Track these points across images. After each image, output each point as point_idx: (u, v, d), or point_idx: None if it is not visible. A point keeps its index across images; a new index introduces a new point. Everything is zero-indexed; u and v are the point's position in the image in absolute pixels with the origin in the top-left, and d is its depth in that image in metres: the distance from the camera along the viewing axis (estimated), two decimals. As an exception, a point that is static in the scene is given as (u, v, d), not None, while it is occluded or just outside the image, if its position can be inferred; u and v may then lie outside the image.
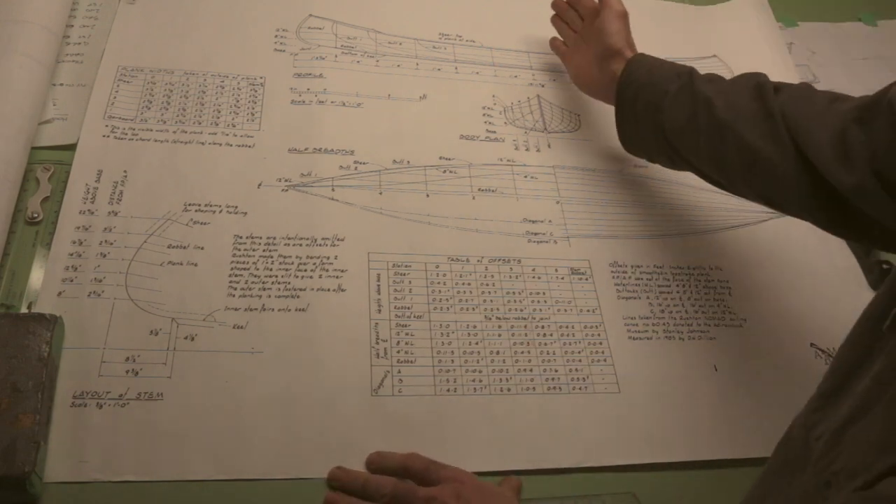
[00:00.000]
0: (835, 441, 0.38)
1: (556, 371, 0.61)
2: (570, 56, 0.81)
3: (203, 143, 0.69)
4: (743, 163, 0.59)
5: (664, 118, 0.65)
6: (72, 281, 0.59)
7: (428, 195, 0.70)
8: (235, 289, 0.61)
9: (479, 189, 0.72)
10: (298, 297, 0.61)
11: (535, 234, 0.70)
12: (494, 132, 0.77)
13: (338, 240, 0.65)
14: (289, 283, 0.62)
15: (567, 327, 0.64)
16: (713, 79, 0.64)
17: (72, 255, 0.60)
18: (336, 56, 0.79)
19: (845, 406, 0.39)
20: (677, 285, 0.69)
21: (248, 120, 0.72)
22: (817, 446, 0.40)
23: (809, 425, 0.42)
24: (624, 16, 0.74)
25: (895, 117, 0.50)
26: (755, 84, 0.60)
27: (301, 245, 0.64)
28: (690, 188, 0.76)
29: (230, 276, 0.61)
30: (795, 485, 0.41)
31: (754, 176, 0.59)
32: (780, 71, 0.91)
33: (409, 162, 0.72)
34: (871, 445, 0.35)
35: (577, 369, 0.62)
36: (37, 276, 0.59)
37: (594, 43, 0.74)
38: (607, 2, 0.74)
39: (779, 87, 0.60)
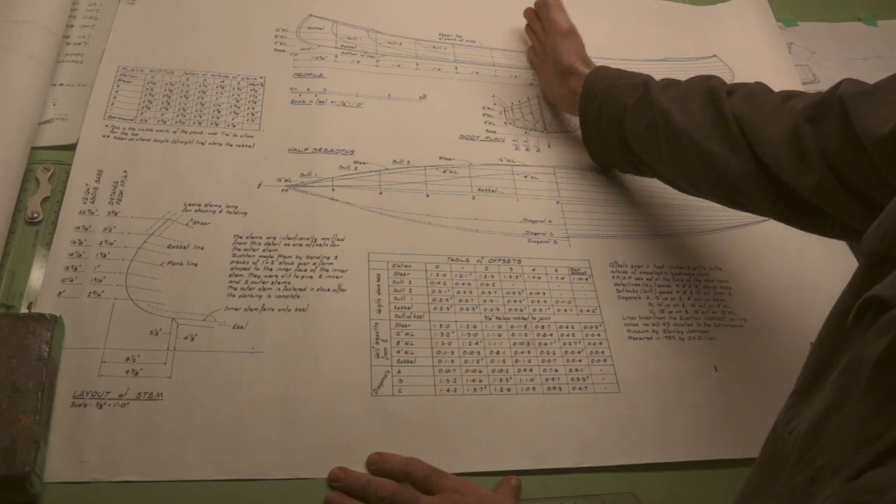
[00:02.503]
0: (813, 437, 0.38)
1: (556, 371, 0.61)
2: (539, 70, 0.83)
3: (203, 143, 0.69)
4: (704, 169, 0.60)
5: (626, 131, 0.67)
6: (72, 281, 0.59)
7: (428, 195, 0.70)
8: (235, 289, 0.61)
9: (479, 189, 0.72)
10: (298, 297, 0.61)
11: (535, 234, 0.70)
12: (494, 132, 0.77)
13: (338, 240, 0.65)
14: (289, 283, 0.62)
15: (567, 327, 0.64)
16: (668, 85, 0.65)
17: (72, 255, 0.60)
18: (336, 56, 0.80)
19: (819, 402, 0.40)
20: (677, 285, 0.69)
21: (248, 120, 0.72)
22: (791, 440, 0.40)
23: (786, 421, 0.43)
24: (570, 33, 0.76)
25: (845, 114, 0.50)
26: (707, 89, 0.61)
27: (301, 245, 0.64)
28: (690, 188, 0.76)
29: (230, 276, 0.61)
30: (781, 482, 0.41)
31: (716, 181, 0.60)
32: (781, 71, 0.91)
33: (409, 162, 0.72)
34: (850, 440, 0.35)
35: (577, 369, 0.62)
36: (37, 276, 0.59)
37: (550, 61, 0.77)
38: (551, 23, 0.77)
39: (732, 90, 0.61)
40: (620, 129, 0.67)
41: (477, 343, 0.62)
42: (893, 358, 0.34)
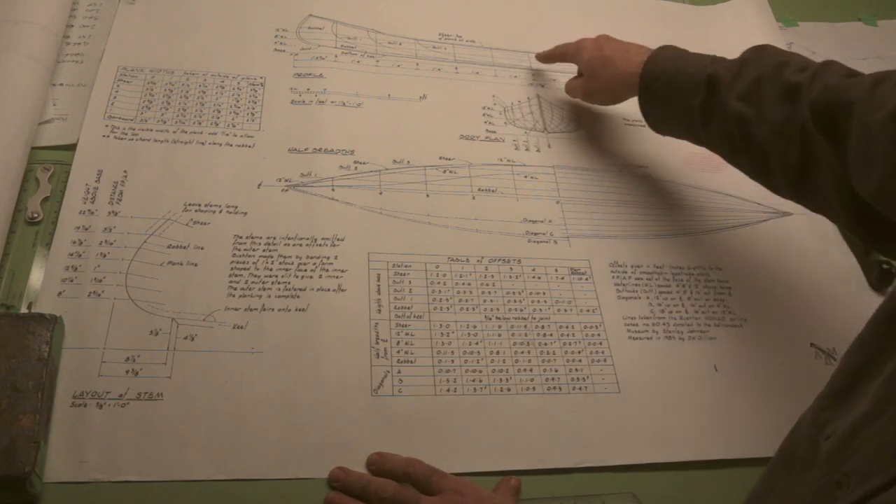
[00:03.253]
0: (847, 441, 0.38)
1: (556, 371, 0.61)
2: (589, 91, 0.77)
3: (203, 143, 0.69)
4: (787, 177, 0.58)
5: (697, 131, 0.64)
6: (72, 281, 0.58)
7: (428, 195, 0.70)
8: (235, 289, 0.61)
9: (479, 189, 0.72)
10: (298, 297, 0.61)
11: (535, 234, 0.70)
12: (494, 132, 0.77)
13: (338, 240, 0.65)
14: (289, 283, 0.62)
15: (567, 327, 0.64)
16: (736, 77, 0.60)
17: (72, 255, 0.60)
18: (336, 56, 0.80)
19: (858, 406, 0.39)
20: (677, 285, 0.69)
21: (248, 120, 0.72)
22: (827, 445, 0.40)
23: (819, 424, 0.42)
24: (600, 54, 0.72)
25: None
26: (784, 84, 0.57)
27: (301, 245, 0.64)
28: (690, 188, 0.76)
29: (230, 276, 0.61)
30: (804, 482, 0.40)
31: (802, 189, 0.58)
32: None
33: (409, 162, 0.72)
34: (886, 448, 0.34)
35: (577, 369, 0.62)
36: (37, 276, 0.59)
37: (601, 75, 0.72)
38: (577, 47, 0.75)
39: (811, 78, 0.55)
40: (691, 129, 0.65)
41: (477, 343, 0.62)
42: None
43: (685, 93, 0.63)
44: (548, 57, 0.81)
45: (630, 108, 0.83)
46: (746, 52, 0.62)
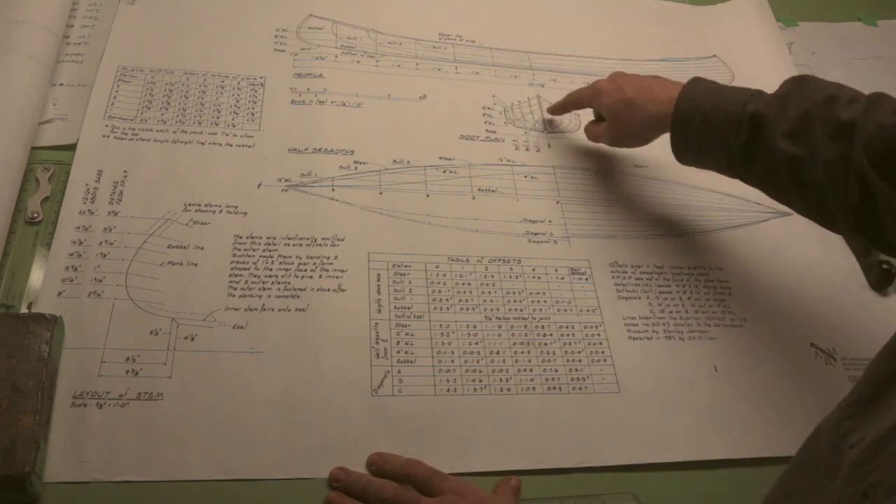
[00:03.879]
0: (873, 453, 0.37)
1: (556, 371, 0.61)
2: (615, 135, 0.72)
3: (203, 143, 0.69)
4: (846, 217, 0.55)
5: (739, 170, 0.60)
6: (72, 281, 0.58)
7: (428, 195, 0.70)
8: (235, 289, 0.61)
9: (479, 189, 0.72)
10: (298, 297, 0.61)
11: (535, 234, 0.70)
12: (494, 132, 0.77)
13: (338, 240, 0.65)
14: (289, 283, 0.62)
15: (567, 327, 0.64)
16: (780, 114, 0.56)
17: (72, 255, 0.60)
18: (336, 56, 0.80)
19: (884, 418, 0.38)
20: (677, 285, 0.69)
21: (248, 120, 0.72)
22: (851, 455, 0.39)
23: (841, 432, 0.41)
24: (622, 97, 0.67)
25: None
26: (835, 123, 0.54)
27: (301, 245, 0.64)
28: (690, 188, 0.76)
29: (230, 276, 0.61)
30: (826, 491, 0.39)
31: (863, 229, 0.55)
32: (781, 71, 0.91)
33: (409, 162, 0.72)
34: None
35: (577, 369, 0.62)
36: (37, 276, 0.59)
37: (628, 119, 0.68)
38: (594, 90, 0.70)
39: (862, 119, 0.53)
40: (731, 169, 0.61)
41: (477, 343, 0.62)
42: None
43: (725, 132, 0.59)
44: (561, 108, 0.76)
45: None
46: (787, 86, 0.58)
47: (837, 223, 0.57)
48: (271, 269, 0.62)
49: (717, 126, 0.59)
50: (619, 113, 0.68)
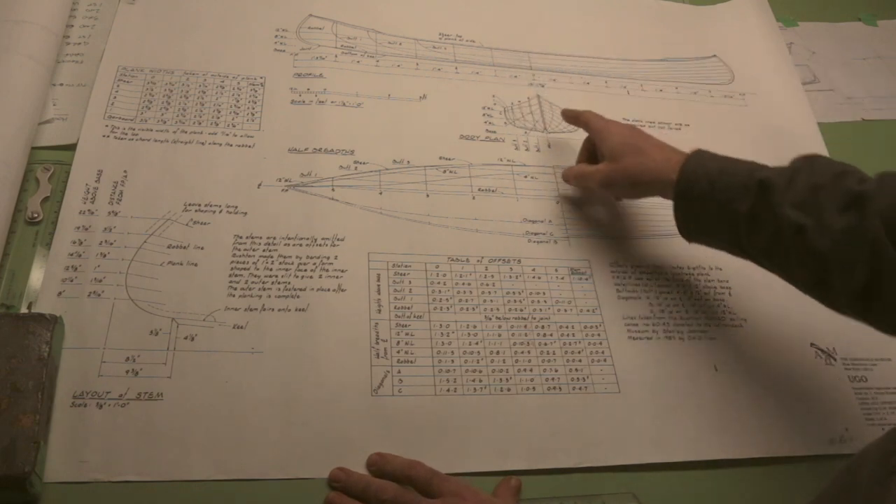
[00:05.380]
0: None
1: (556, 371, 0.61)
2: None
3: (203, 143, 0.69)
4: (849, 293, 0.53)
5: (741, 240, 0.58)
6: (72, 281, 0.58)
7: (428, 195, 0.70)
8: (235, 289, 0.61)
9: (479, 189, 0.72)
10: (298, 297, 0.61)
11: (535, 234, 0.70)
12: (494, 132, 0.77)
13: (338, 240, 0.65)
14: (289, 283, 0.62)
15: (567, 327, 0.64)
16: (790, 183, 0.55)
17: (72, 255, 0.60)
18: (336, 56, 0.80)
19: None
20: (677, 285, 0.69)
21: (248, 120, 0.72)
22: None
23: (890, 468, 0.39)
24: (632, 141, 0.65)
25: None
26: (846, 194, 0.52)
27: (301, 245, 0.64)
28: (690, 188, 0.76)
29: (230, 276, 0.61)
30: None
31: (868, 307, 0.53)
32: (781, 71, 0.92)
33: (409, 162, 0.72)
34: None
35: (577, 369, 0.62)
36: (37, 276, 0.59)
37: (630, 163, 0.65)
38: (608, 131, 0.68)
39: (875, 192, 0.51)
40: (734, 237, 0.59)
41: (477, 343, 0.62)
42: None
43: (731, 196, 0.57)
44: (573, 118, 0.74)
45: (630, 109, 0.83)
46: (796, 161, 0.57)
47: (839, 302, 0.55)
48: (271, 269, 0.62)
49: (723, 191, 0.57)
50: (622, 153, 0.65)
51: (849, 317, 0.55)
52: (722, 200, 0.58)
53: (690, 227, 0.62)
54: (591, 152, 0.72)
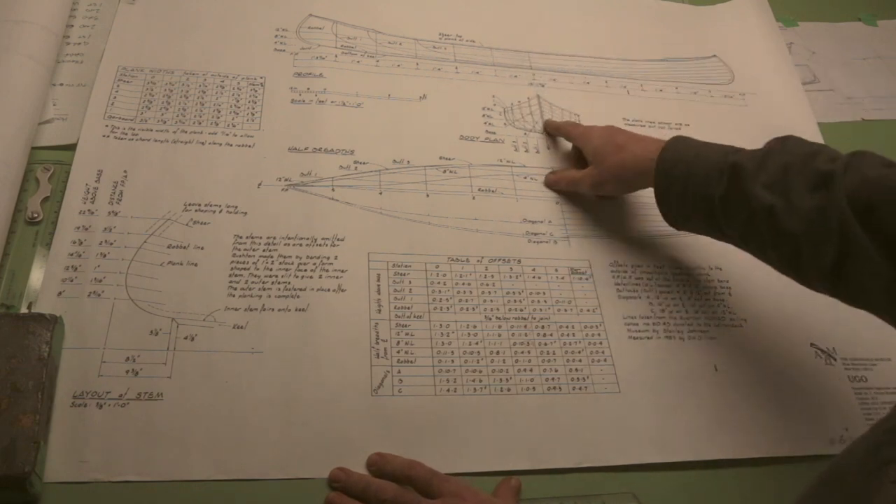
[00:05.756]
0: None
1: (556, 371, 0.61)
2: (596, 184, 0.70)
3: (203, 143, 0.69)
4: (821, 271, 0.53)
5: (719, 223, 0.60)
6: (72, 281, 0.58)
7: (428, 195, 0.70)
8: (235, 289, 0.61)
9: (479, 189, 0.72)
10: (298, 297, 0.61)
11: (535, 234, 0.70)
12: (494, 133, 0.77)
13: (338, 240, 0.65)
14: (289, 283, 0.62)
15: (567, 327, 0.64)
16: (761, 165, 0.56)
17: (72, 255, 0.60)
18: (336, 56, 0.80)
19: None
20: (677, 285, 0.69)
21: (248, 120, 0.72)
22: (893, 491, 0.37)
23: (881, 460, 0.39)
24: (612, 141, 0.67)
25: None
26: (814, 174, 0.53)
27: (301, 245, 0.64)
28: (690, 188, 0.76)
29: (230, 276, 0.61)
30: None
31: (839, 284, 0.54)
32: (781, 71, 0.92)
33: (409, 162, 0.72)
34: None
35: (577, 369, 0.62)
36: (37, 276, 0.59)
37: (612, 162, 0.67)
38: (589, 136, 0.70)
39: (843, 171, 0.52)
40: (712, 221, 0.60)
41: (477, 343, 0.62)
42: None
43: (706, 180, 0.59)
44: (555, 129, 0.77)
45: (630, 109, 0.83)
46: (770, 143, 0.58)
47: (812, 279, 0.56)
48: (271, 269, 0.62)
49: (698, 175, 0.59)
50: (605, 155, 0.67)
51: (822, 293, 0.56)
52: (697, 185, 0.59)
53: (672, 212, 0.63)
54: (577, 158, 0.74)
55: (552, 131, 0.78)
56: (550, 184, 0.74)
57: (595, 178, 0.69)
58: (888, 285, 0.49)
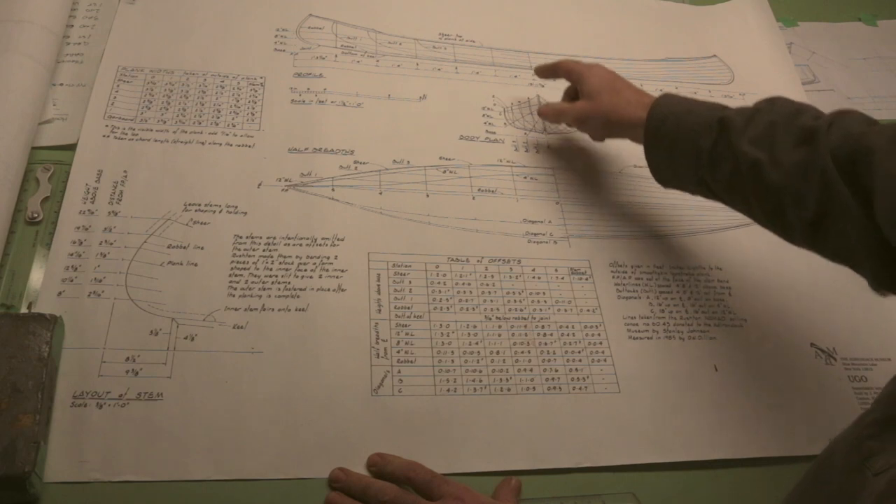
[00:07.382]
0: None
1: (556, 371, 0.61)
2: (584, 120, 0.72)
3: (203, 143, 0.69)
4: (802, 224, 0.54)
5: (705, 175, 0.61)
6: (72, 281, 0.58)
7: (428, 195, 0.70)
8: (235, 289, 0.61)
9: (478, 189, 0.72)
10: (298, 296, 0.61)
11: (535, 234, 0.70)
12: (494, 133, 0.77)
13: (338, 240, 0.65)
14: (289, 283, 0.62)
15: (567, 327, 0.64)
16: (749, 121, 0.58)
17: (72, 255, 0.60)
18: (336, 56, 0.80)
19: None
20: (677, 285, 0.69)
21: (248, 120, 0.72)
22: (877, 483, 0.37)
23: (864, 453, 0.39)
24: (610, 83, 0.69)
25: None
26: (799, 130, 0.55)
27: (301, 245, 0.64)
28: (690, 188, 0.76)
29: (230, 276, 0.61)
30: None
31: (820, 238, 0.55)
32: (781, 71, 0.92)
33: (409, 162, 0.72)
34: None
35: (577, 369, 0.62)
36: (37, 276, 0.59)
37: (605, 100, 0.68)
38: (590, 73, 0.70)
39: (826, 128, 0.53)
40: (699, 174, 0.61)
41: (477, 343, 0.62)
42: None
43: (695, 134, 0.60)
44: (550, 71, 0.76)
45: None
46: (759, 102, 0.60)
47: (794, 233, 0.57)
48: (271, 269, 0.62)
49: (688, 129, 0.61)
50: (600, 91, 0.68)
51: (803, 248, 0.58)
52: (687, 138, 0.61)
53: (661, 168, 0.64)
54: (572, 98, 0.75)
55: (545, 73, 0.77)
56: (540, 113, 0.76)
57: (582, 112, 0.70)
58: (867, 239, 0.50)
